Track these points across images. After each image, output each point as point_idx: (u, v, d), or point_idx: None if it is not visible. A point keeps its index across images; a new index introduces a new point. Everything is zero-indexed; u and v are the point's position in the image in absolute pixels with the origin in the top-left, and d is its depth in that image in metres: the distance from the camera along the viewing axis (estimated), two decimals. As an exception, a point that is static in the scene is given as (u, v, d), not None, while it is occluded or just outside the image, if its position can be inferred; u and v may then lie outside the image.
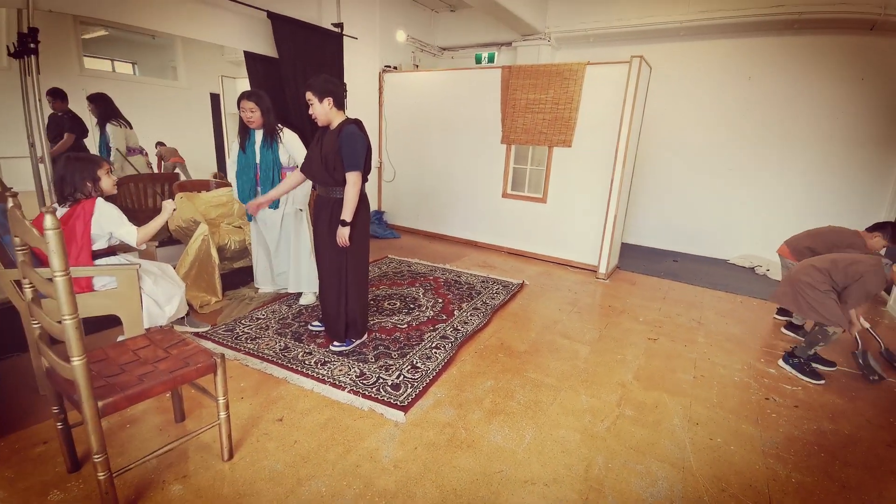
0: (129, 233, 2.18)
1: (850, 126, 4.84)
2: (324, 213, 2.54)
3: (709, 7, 4.92)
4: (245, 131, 3.04)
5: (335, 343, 2.71)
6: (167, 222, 3.57)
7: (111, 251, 2.28)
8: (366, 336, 2.86)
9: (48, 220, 1.14)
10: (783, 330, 3.43)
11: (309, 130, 4.30)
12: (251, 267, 3.84)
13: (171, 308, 2.29)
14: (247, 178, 3.06)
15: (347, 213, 2.42)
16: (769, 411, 2.38)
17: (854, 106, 4.79)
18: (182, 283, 2.45)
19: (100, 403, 1.33)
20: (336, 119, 2.47)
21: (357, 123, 2.45)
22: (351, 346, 2.73)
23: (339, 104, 2.46)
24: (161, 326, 2.29)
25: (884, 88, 4.67)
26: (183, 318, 2.79)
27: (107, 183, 2.23)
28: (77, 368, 1.26)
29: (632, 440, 2.04)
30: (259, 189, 3.10)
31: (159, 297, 2.27)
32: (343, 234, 2.43)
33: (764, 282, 4.71)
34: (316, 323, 2.99)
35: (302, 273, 3.32)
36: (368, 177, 2.59)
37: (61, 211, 2.12)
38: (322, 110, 2.42)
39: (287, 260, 3.31)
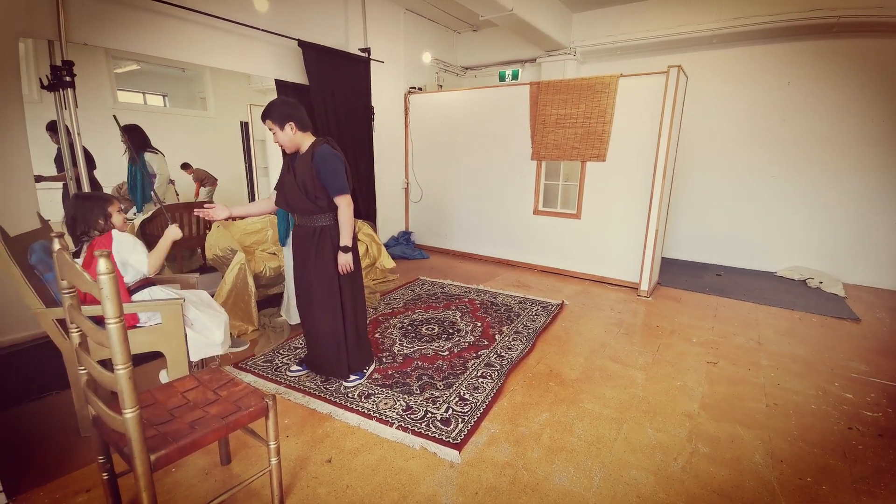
0: (140, 261, 2.06)
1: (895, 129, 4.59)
2: (309, 243, 2.34)
3: (742, 13, 4.78)
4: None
5: (349, 378, 2.54)
6: (203, 252, 3.58)
7: (148, 282, 2.21)
8: (374, 363, 2.74)
9: (102, 265, 1.06)
10: None
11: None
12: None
13: (219, 335, 2.21)
14: None
15: (347, 238, 2.29)
16: (854, 442, 2.16)
17: (900, 108, 4.55)
18: (223, 310, 2.38)
19: (152, 457, 1.24)
20: (305, 142, 2.29)
21: (328, 143, 2.29)
22: (364, 377, 2.59)
23: (303, 126, 2.26)
24: (217, 358, 2.21)
25: (933, 89, 4.43)
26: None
27: (117, 220, 2.12)
28: (130, 421, 1.17)
29: (713, 482, 1.85)
30: (290, 216, 3.07)
31: (209, 326, 2.18)
32: (347, 259, 2.30)
33: (819, 295, 4.43)
34: (295, 367, 2.67)
35: None
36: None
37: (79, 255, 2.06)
38: (286, 137, 2.24)
39: None
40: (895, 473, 1.94)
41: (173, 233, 2.15)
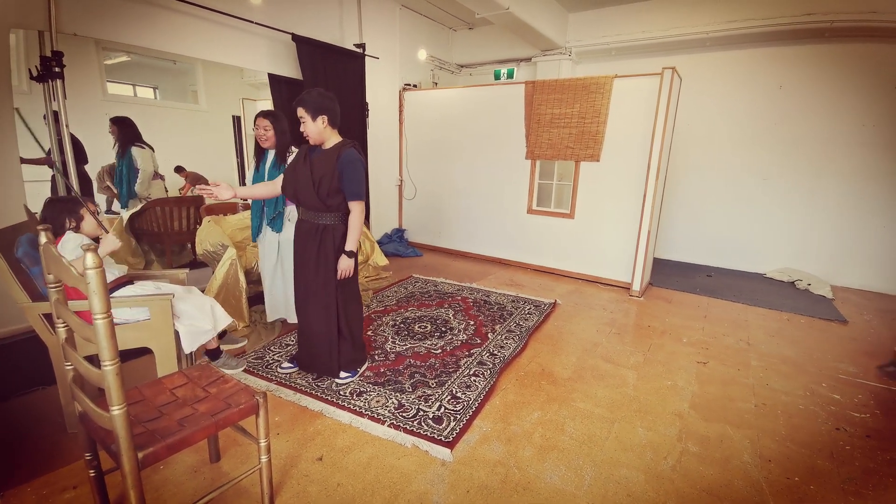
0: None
1: (887, 133, 4.64)
2: (311, 240, 2.34)
3: (736, 16, 4.81)
4: (261, 150, 3.00)
5: (341, 375, 2.52)
6: (193, 247, 3.54)
7: (125, 280, 2.16)
8: (367, 363, 2.72)
9: (89, 259, 1.04)
10: None
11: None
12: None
13: (208, 321, 2.18)
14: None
15: (353, 243, 2.29)
16: (842, 443, 2.19)
17: (891, 113, 4.61)
18: (208, 297, 2.35)
19: (140, 454, 1.22)
20: (331, 139, 2.28)
21: (355, 147, 2.28)
22: (357, 375, 2.58)
23: (334, 122, 2.26)
24: (217, 337, 2.20)
25: (922, 95, 4.48)
26: (223, 334, 2.79)
27: (88, 224, 2.06)
28: (117, 418, 1.15)
29: (702, 481, 1.87)
30: (265, 209, 3.04)
31: (196, 315, 2.15)
32: (349, 264, 2.30)
33: (807, 297, 4.48)
34: (287, 364, 2.64)
35: (291, 302, 3.08)
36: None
37: None
38: (315, 129, 2.22)
39: (282, 286, 3.14)
40: (883, 475, 1.97)
41: (110, 243, 2.00)
